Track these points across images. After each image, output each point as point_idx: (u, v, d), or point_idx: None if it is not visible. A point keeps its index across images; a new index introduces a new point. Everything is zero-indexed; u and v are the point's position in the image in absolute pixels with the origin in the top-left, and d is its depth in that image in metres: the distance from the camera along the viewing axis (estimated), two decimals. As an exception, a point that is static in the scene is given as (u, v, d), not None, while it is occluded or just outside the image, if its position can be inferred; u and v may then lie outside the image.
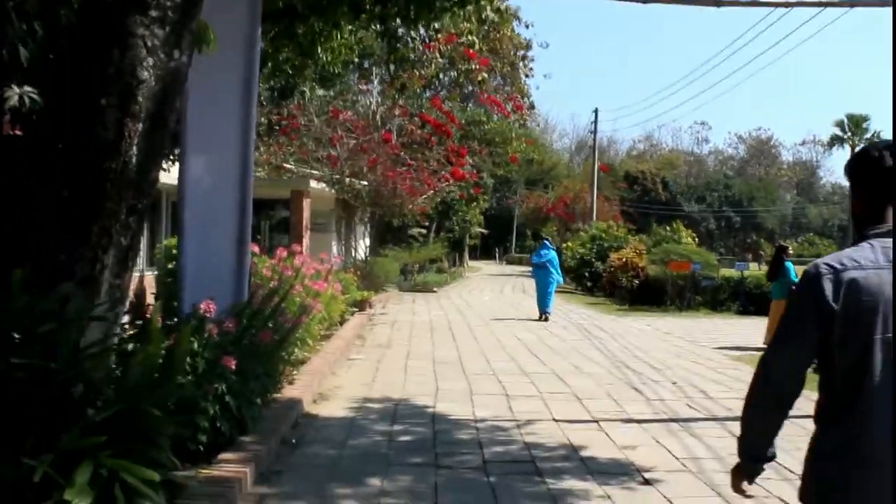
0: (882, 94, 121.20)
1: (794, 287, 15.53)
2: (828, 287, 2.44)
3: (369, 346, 13.80)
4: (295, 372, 9.67)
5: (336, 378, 10.49)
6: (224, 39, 8.19)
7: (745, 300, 22.15)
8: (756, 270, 23.94)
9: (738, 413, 2.72)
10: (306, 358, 10.84)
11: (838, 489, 2.45)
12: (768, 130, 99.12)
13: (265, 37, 11.92)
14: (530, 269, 22.84)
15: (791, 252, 17.60)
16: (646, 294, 24.83)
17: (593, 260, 32.16)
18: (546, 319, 19.81)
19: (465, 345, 14.21)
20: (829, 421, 2.51)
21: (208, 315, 6.49)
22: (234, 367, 5.99)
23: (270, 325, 7.24)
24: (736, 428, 2.85)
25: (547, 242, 21.95)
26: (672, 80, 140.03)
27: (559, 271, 21.68)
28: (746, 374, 11.33)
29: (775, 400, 2.60)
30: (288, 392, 8.60)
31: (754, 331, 18.00)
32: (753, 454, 2.67)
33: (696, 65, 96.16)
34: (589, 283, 32.26)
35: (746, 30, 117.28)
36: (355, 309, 17.79)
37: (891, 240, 2.46)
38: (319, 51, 13.06)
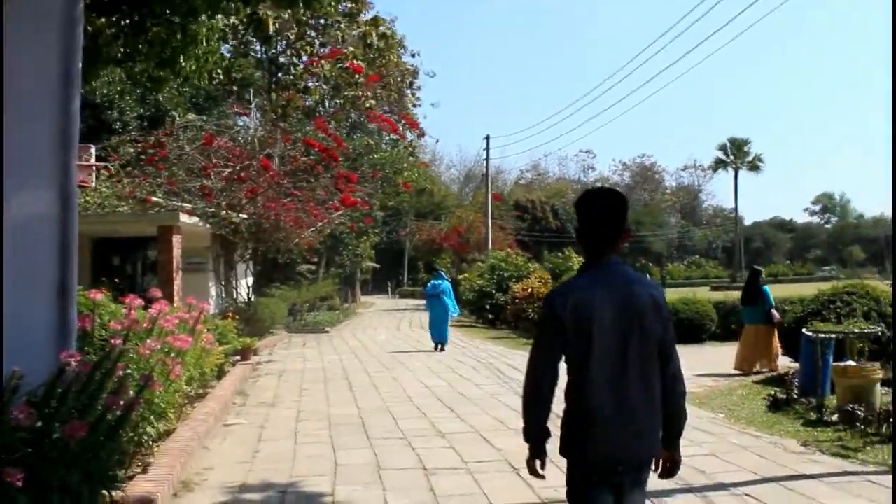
0: (761, 118, 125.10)
1: (772, 310, 14.50)
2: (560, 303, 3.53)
3: (252, 406, 11.65)
4: (153, 450, 7.54)
5: (207, 455, 8.36)
6: (26, 9, 6.13)
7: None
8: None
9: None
10: (170, 429, 8.69)
11: (577, 440, 3.57)
12: (651, 157, 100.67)
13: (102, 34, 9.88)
14: (424, 301, 22.54)
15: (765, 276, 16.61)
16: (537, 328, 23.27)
17: (493, 291, 30.64)
18: (442, 350, 19.63)
19: (365, 397, 12.19)
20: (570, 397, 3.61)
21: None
22: (19, 482, 3.90)
23: (100, 404, 5.12)
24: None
25: (441, 273, 21.87)
26: (556, 109, 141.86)
27: (454, 301, 21.31)
28: (708, 420, 9.67)
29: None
30: (139, 485, 6.44)
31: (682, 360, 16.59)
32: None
33: (581, 94, 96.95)
34: (490, 316, 30.70)
35: (629, 60, 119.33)
36: (237, 358, 15.57)
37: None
38: (182, 59, 11.07)
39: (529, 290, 25.53)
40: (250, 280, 23.43)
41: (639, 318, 3.48)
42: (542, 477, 3.68)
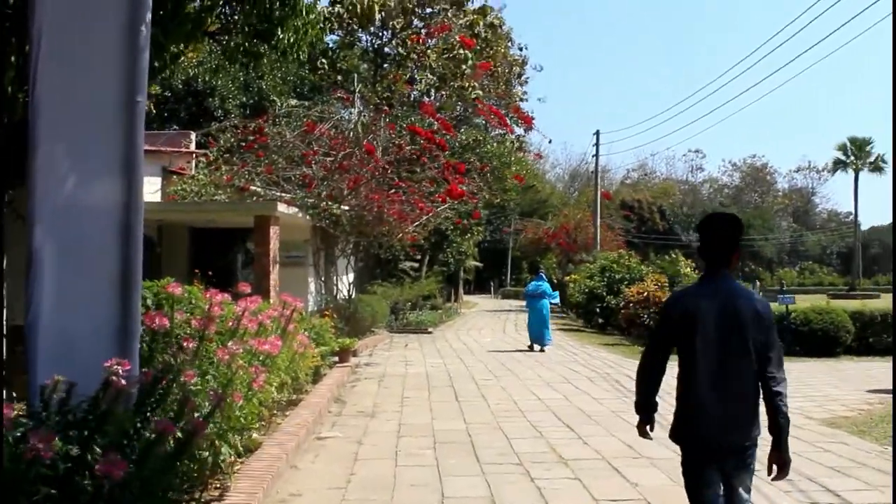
0: (883, 117, 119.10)
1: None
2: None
3: (349, 415, 10.55)
4: (233, 470, 6.48)
5: (296, 476, 7.26)
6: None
7: (791, 339, 18.93)
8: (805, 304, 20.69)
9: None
10: (255, 444, 7.64)
11: (684, 427, 4.22)
12: (763, 157, 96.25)
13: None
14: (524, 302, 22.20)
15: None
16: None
17: (604, 294, 29.03)
18: (541, 350, 19.57)
19: (473, 410, 10.96)
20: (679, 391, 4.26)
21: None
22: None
23: (150, 431, 4.01)
24: None
25: (541, 274, 21.67)
26: (664, 107, 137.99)
27: (553, 295, 21.21)
28: (864, 455, 8.04)
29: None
30: (212, 517, 5.40)
31: (819, 377, 14.89)
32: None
33: (690, 92, 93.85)
34: (600, 320, 29.11)
35: (743, 57, 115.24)
36: (335, 359, 14.55)
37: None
38: (280, 31, 10.09)
39: (645, 293, 23.84)
40: (351, 276, 22.48)
41: (739, 325, 4.03)
42: (650, 438, 4.58)
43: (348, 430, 9.46)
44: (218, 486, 6.19)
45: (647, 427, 4.46)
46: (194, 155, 19.31)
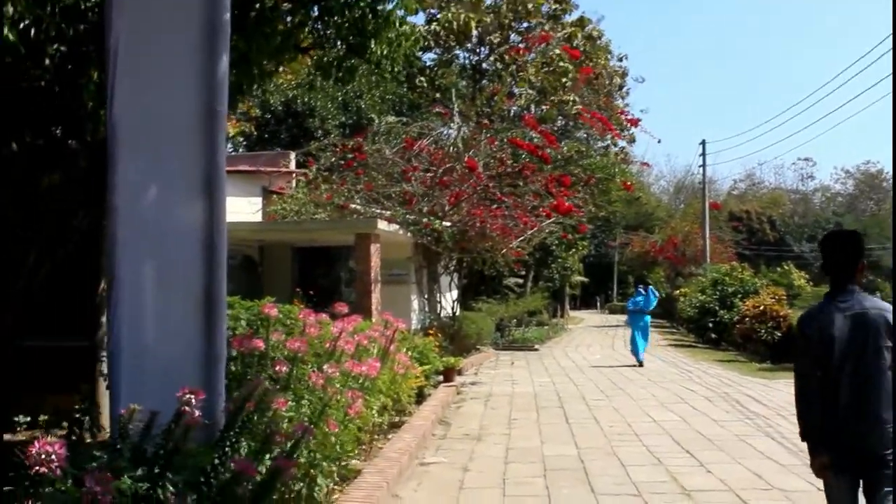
0: None
1: None
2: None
3: (454, 438, 10.09)
4: (331, 500, 6.09)
5: (397, 507, 6.82)
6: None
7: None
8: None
9: None
10: (354, 471, 7.25)
11: (822, 434, 4.18)
12: (878, 163, 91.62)
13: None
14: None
15: None
16: (790, 348, 20.51)
17: (716, 308, 27.93)
18: (641, 365, 19.78)
19: (584, 433, 10.36)
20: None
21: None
22: None
23: (226, 469, 3.61)
24: None
25: (640, 289, 21.99)
26: (773, 114, 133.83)
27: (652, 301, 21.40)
28: None
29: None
30: (305, 555, 4.99)
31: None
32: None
33: (800, 98, 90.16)
34: (713, 335, 28.00)
35: (855, 60, 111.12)
36: (440, 378, 14.13)
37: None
38: (372, 44, 9.78)
39: (761, 307, 22.70)
40: (455, 293, 22.08)
41: (873, 335, 4.10)
42: (830, 475, 4.21)
43: (453, 455, 9.00)
44: (315, 518, 5.81)
45: (825, 459, 4.16)
46: (294, 174, 19.27)
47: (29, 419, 8.60)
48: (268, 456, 4.08)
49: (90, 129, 5.87)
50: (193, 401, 3.49)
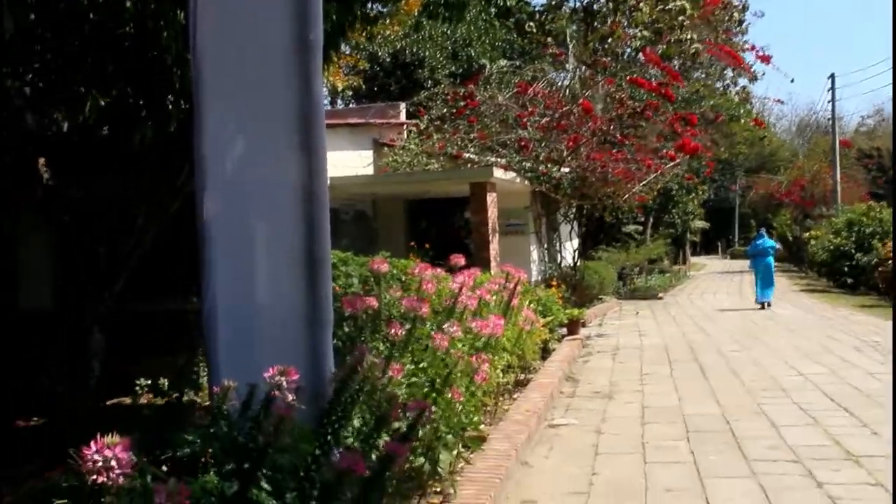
0: None
1: None
2: None
3: (583, 397, 9.44)
4: (456, 469, 5.57)
5: (527, 476, 6.24)
6: None
7: None
8: None
9: None
10: (481, 436, 6.69)
11: None
12: None
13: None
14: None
15: None
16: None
17: (853, 251, 26.31)
18: (768, 306, 19.74)
19: (725, 389, 9.56)
20: None
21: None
22: None
23: (324, 464, 3.06)
24: None
25: (762, 232, 21.83)
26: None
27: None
28: None
29: None
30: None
31: None
32: None
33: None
34: (849, 280, 26.42)
35: None
36: (563, 331, 13.48)
37: None
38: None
39: (906, 249, 21.17)
40: (575, 242, 21.29)
41: None
42: None
43: (584, 416, 8.36)
44: (438, 490, 5.28)
45: None
46: (404, 125, 18.76)
47: (149, 382, 8.40)
48: (383, 435, 3.53)
49: (178, 75, 5.39)
50: (285, 383, 2.94)
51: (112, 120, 5.75)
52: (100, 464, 2.09)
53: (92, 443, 2.14)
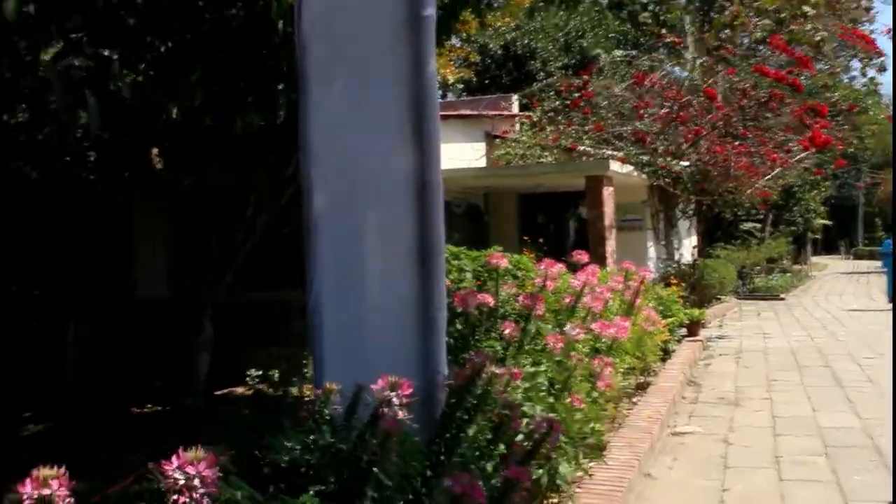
0: None
1: None
2: None
3: (706, 403, 8.89)
4: (576, 479, 5.17)
5: (651, 490, 5.79)
6: None
7: None
8: None
9: None
10: (600, 444, 6.26)
11: None
12: None
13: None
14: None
15: None
16: None
17: None
18: None
19: (863, 399, 8.85)
20: None
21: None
22: None
23: (434, 489, 2.71)
24: None
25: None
26: None
27: None
28: None
29: None
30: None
31: None
32: None
33: None
34: None
35: None
36: (683, 332, 12.87)
37: None
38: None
39: None
40: (694, 239, 20.50)
41: None
42: None
43: (709, 424, 7.83)
44: (555, 502, 4.91)
45: None
46: (517, 117, 18.38)
47: (260, 373, 8.29)
48: (500, 446, 3.17)
49: (285, 57, 5.15)
50: (395, 399, 2.60)
51: (219, 107, 5.57)
52: (182, 482, 1.81)
53: (174, 457, 1.86)
